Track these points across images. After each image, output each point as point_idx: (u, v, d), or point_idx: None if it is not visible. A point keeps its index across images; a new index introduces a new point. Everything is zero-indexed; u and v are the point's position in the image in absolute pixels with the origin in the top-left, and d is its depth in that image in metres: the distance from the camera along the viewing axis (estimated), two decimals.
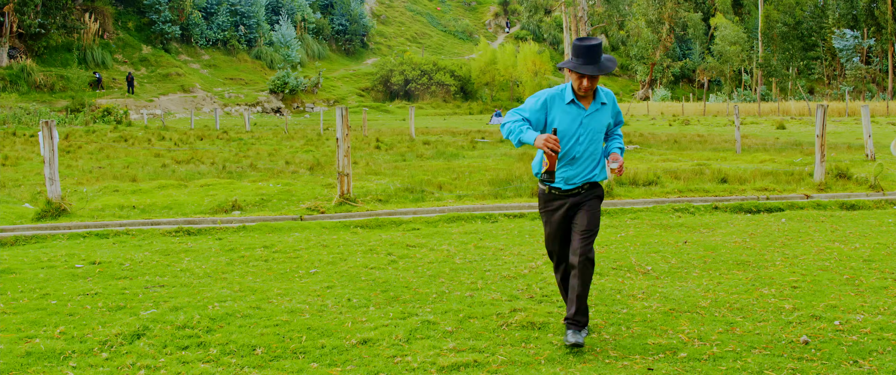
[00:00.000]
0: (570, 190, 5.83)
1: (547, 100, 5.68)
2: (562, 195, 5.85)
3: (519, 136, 5.54)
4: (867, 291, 7.39)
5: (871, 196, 13.69)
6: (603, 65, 5.49)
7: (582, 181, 5.81)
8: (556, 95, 5.69)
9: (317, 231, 11.04)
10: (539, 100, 5.70)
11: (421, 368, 5.44)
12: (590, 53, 5.44)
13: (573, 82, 5.60)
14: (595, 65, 5.46)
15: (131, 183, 16.31)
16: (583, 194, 5.85)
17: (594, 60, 5.46)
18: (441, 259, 9.01)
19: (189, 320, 6.42)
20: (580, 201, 5.84)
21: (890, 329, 6.22)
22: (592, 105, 5.68)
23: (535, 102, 5.70)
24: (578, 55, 5.46)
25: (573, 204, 5.85)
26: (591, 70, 5.44)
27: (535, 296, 7.26)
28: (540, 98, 5.71)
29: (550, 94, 5.71)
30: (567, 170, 5.77)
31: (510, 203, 12.99)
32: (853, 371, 5.39)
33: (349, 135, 12.78)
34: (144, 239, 10.57)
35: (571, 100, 5.64)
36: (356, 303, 7.06)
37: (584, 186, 5.84)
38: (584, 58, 5.45)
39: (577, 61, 5.47)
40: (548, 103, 5.68)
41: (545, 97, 5.70)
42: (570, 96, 5.63)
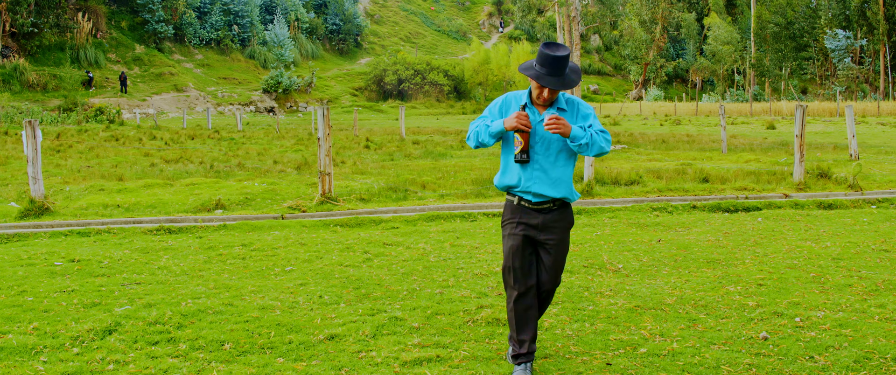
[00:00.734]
0: (541, 203, 5.30)
1: (503, 103, 5.38)
2: (531, 209, 5.33)
3: (487, 132, 5.23)
4: (832, 289, 7.52)
5: (850, 195, 13.82)
6: (566, 78, 5.11)
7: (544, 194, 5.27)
8: (514, 98, 5.35)
9: (296, 229, 11.15)
10: (496, 104, 5.42)
11: (384, 363, 5.55)
12: (555, 65, 5.04)
13: (532, 88, 5.27)
14: (558, 79, 5.08)
15: (118, 182, 16.38)
16: (553, 213, 5.35)
17: (558, 72, 5.06)
18: (416, 257, 9.13)
19: (161, 316, 6.52)
20: (550, 224, 5.34)
21: (849, 325, 6.34)
22: (549, 111, 5.23)
23: (491, 106, 5.42)
24: (543, 64, 5.07)
25: (543, 225, 5.33)
26: (553, 83, 5.07)
27: (504, 294, 7.37)
28: (497, 102, 5.43)
29: (507, 98, 5.40)
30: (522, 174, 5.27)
31: (490, 202, 13.11)
32: (808, 366, 5.50)
33: (331, 134, 12.90)
34: (125, 237, 10.67)
35: (525, 104, 5.21)
36: (327, 300, 7.17)
37: (556, 202, 5.34)
38: (548, 68, 5.06)
39: (541, 71, 5.08)
40: (503, 106, 5.36)
41: (503, 99, 5.41)
42: (525, 99, 5.26)
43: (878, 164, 19.62)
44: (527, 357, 5.39)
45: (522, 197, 5.31)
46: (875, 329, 6.22)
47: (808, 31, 79.47)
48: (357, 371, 5.41)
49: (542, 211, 5.32)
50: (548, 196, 5.27)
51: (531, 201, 5.29)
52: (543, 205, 5.31)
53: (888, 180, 15.86)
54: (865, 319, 6.51)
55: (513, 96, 5.38)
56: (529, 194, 5.28)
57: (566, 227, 5.43)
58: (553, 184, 5.27)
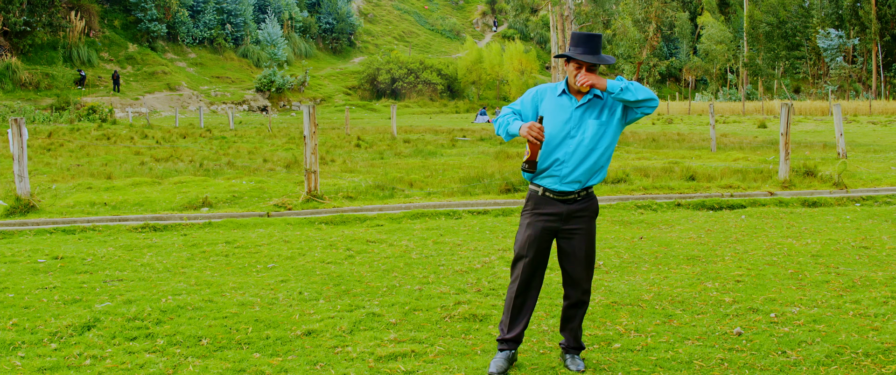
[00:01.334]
0: (565, 193, 5.26)
1: (537, 94, 5.36)
2: (555, 200, 5.28)
3: (506, 128, 5.25)
4: (809, 285, 7.57)
5: (835, 193, 13.89)
6: (602, 55, 5.13)
7: (577, 184, 5.25)
8: (550, 88, 5.33)
9: (281, 227, 11.19)
10: (530, 94, 5.40)
11: (359, 358, 5.60)
12: (590, 42, 5.08)
13: (570, 75, 5.18)
14: (594, 55, 5.07)
15: (106, 180, 16.41)
16: (578, 202, 5.31)
17: (593, 50, 5.08)
18: (398, 254, 9.18)
19: (140, 312, 6.56)
20: (575, 213, 5.31)
21: (823, 321, 6.40)
22: (586, 96, 5.19)
23: (527, 96, 5.40)
24: (578, 43, 5.09)
25: (567, 215, 5.29)
26: (590, 58, 5.03)
27: (483, 290, 7.42)
28: (531, 91, 5.40)
29: (543, 87, 5.39)
30: (560, 168, 5.21)
31: (476, 200, 13.15)
32: (780, 361, 5.56)
33: (317, 133, 12.94)
34: (110, 234, 10.70)
35: (563, 91, 5.23)
36: (307, 296, 7.21)
37: (580, 193, 5.30)
38: (583, 46, 5.08)
39: (577, 49, 5.08)
40: (538, 95, 5.34)
41: (537, 90, 5.39)
42: (562, 88, 5.23)
43: (864, 163, 19.70)
44: (511, 343, 5.43)
45: (547, 187, 5.26)
46: (848, 325, 6.27)
47: (800, 30, 79.67)
48: (332, 366, 5.45)
49: (567, 201, 5.28)
50: (576, 190, 5.26)
51: (555, 191, 5.25)
52: (568, 195, 5.26)
53: (874, 178, 15.94)
54: (840, 315, 6.56)
55: (549, 87, 5.35)
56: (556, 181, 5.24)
57: (592, 216, 5.41)
58: (584, 178, 5.25)
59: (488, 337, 6.05)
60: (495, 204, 12.76)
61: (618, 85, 4.99)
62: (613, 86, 4.99)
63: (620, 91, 4.99)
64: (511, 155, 21.75)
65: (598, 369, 5.40)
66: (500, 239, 10.17)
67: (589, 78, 4.99)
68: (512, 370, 5.42)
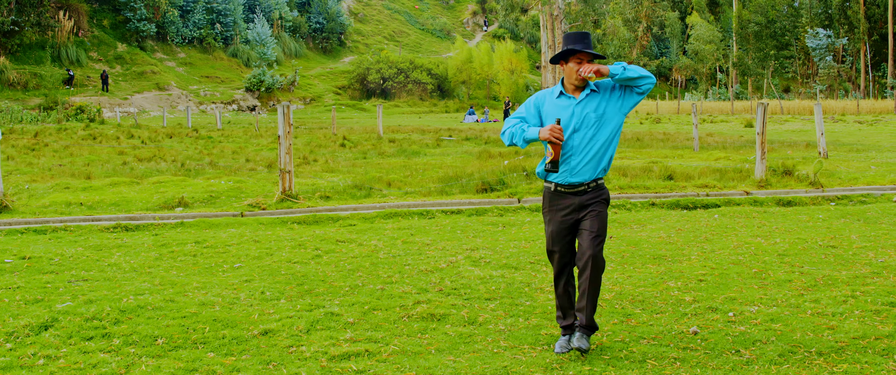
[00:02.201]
0: (576, 185, 5.64)
1: (537, 99, 5.75)
2: (567, 193, 5.68)
3: (522, 136, 5.58)
4: (771, 284, 7.60)
5: (810, 192, 13.94)
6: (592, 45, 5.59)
7: (586, 176, 5.62)
8: (547, 93, 5.74)
9: (253, 227, 11.19)
10: (531, 102, 5.78)
11: (313, 357, 5.61)
12: (580, 36, 5.55)
13: (568, 74, 5.61)
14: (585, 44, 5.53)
15: (85, 180, 16.39)
16: (589, 193, 5.67)
17: (589, 46, 5.53)
18: (366, 254, 9.19)
19: (99, 312, 6.56)
20: (587, 202, 5.66)
21: (780, 320, 6.42)
22: (583, 93, 5.60)
23: (527, 104, 5.78)
24: (574, 42, 5.53)
25: (580, 205, 5.66)
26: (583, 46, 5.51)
27: (445, 289, 7.43)
28: (532, 99, 5.79)
29: (541, 93, 5.78)
30: (567, 162, 5.60)
31: (451, 199, 13.17)
32: (733, 359, 5.58)
33: (291, 132, 12.95)
34: (81, 235, 10.69)
35: (560, 93, 5.65)
36: (269, 296, 7.22)
37: (590, 184, 5.65)
38: (573, 40, 5.54)
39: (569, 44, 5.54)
40: (538, 102, 5.74)
41: (536, 97, 5.78)
42: (559, 89, 5.66)
43: (845, 162, 19.75)
44: (568, 329, 5.85)
45: (559, 182, 5.67)
46: (805, 324, 6.30)
47: (789, 29, 79.85)
48: (285, 366, 5.46)
49: (578, 193, 5.66)
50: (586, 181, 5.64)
51: (566, 184, 5.65)
52: (579, 187, 5.64)
53: (852, 177, 15.99)
54: (798, 314, 6.59)
55: (546, 92, 5.76)
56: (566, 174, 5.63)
57: (603, 202, 5.74)
58: (593, 170, 5.63)
59: (444, 337, 6.06)
60: (470, 204, 12.78)
61: (619, 65, 5.45)
62: (615, 69, 5.44)
63: (623, 71, 5.43)
64: (493, 154, 21.76)
65: (549, 368, 5.42)
66: (470, 238, 10.19)
67: (594, 66, 5.42)
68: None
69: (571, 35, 5.55)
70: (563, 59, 5.61)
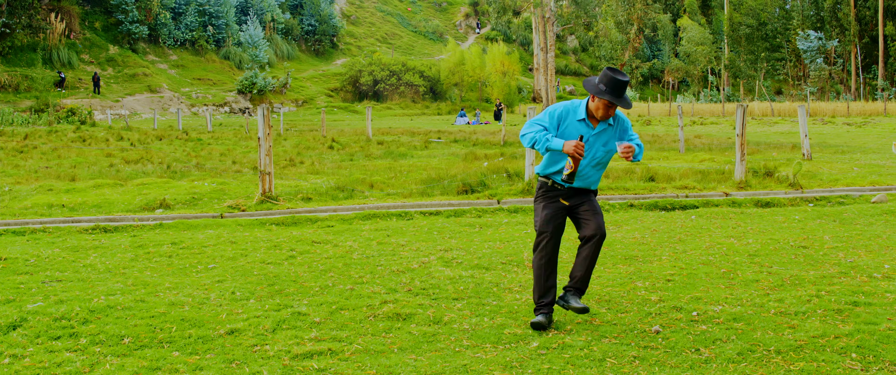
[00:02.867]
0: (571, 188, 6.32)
1: (561, 113, 6.20)
2: (563, 191, 6.33)
3: (546, 144, 6.03)
4: (738, 284, 7.68)
5: (790, 194, 14.02)
6: (625, 99, 6.05)
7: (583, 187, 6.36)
8: (571, 110, 6.20)
9: (231, 228, 11.24)
10: (555, 113, 6.21)
11: (276, 356, 5.67)
12: (619, 88, 5.97)
13: (591, 104, 6.14)
14: (621, 99, 6.01)
15: (69, 182, 16.42)
16: (582, 195, 6.37)
17: (620, 94, 5.98)
18: (340, 254, 9.25)
19: (69, 312, 6.61)
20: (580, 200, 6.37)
21: (742, 319, 6.49)
22: (600, 125, 6.19)
23: (551, 114, 6.21)
24: (608, 86, 5.97)
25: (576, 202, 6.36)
26: (619, 102, 6.00)
27: (414, 290, 7.49)
28: (555, 111, 6.22)
29: (565, 108, 6.22)
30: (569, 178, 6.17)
31: (431, 201, 13.24)
32: (692, 358, 5.65)
33: (270, 134, 13.01)
34: (60, 236, 10.74)
35: (582, 119, 6.16)
36: (238, 296, 7.28)
37: (583, 190, 6.37)
38: (612, 91, 5.97)
39: (605, 90, 5.98)
40: (561, 116, 6.19)
41: (560, 110, 6.22)
42: (582, 114, 6.16)
43: (828, 163, 19.86)
44: (546, 307, 6.35)
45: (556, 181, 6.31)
46: (766, 323, 6.37)
47: (781, 32, 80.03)
48: (247, 364, 5.52)
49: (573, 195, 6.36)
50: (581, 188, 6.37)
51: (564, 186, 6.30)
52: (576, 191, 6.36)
53: (833, 178, 16.08)
54: (761, 313, 6.66)
55: (570, 109, 6.25)
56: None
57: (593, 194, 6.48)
58: (589, 184, 6.38)
59: (408, 336, 6.13)
60: (449, 205, 12.85)
61: (637, 157, 6.18)
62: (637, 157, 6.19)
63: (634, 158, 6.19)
64: (479, 156, 21.85)
65: (509, 367, 5.48)
66: (445, 239, 10.25)
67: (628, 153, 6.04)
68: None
69: (612, 81, 5.96)
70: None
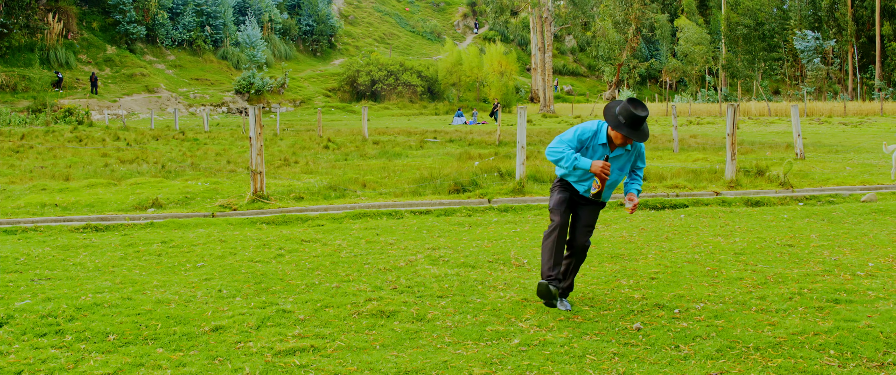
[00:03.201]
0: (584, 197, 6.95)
1: (583, 134, 6.78)
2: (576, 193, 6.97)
3: (574, 162, 6.62)
4: (722, 282, 7.73)
5: (780, 193, 14.07)
6: (642, 131, 6.59)
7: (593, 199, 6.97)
8: (591, 132, 6.77)
9: (222, 227, 11.29)
10: (578, 135, 6.77)
11: (259, 353, 5.72)
12: (637, 122, 6.50)
13: (610, 132, 6.70)
14: (638, 133, 6.56)
15: (63, 182, 16.47)
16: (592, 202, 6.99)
17: (638, 127, 6.53)
18: (328, 253, 9.30)
19: (55, 309, 6.67)
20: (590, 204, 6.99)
21: (723, 316, 6.55)
22: (618, 150, 6.78)
23: (575, 136, 6.77)
24: (627, 119, 6.50)
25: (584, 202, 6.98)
26: (635, 136, 6.55)
27: (399, 287, 7.55)
28: (579, 133, 6.78)
29: (587, 130, 6.78)
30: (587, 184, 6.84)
31: (422, 200, 13.29)
32: (671, 354, 5.71)
33: (262, 134, 13.06)
34: (51, 235, 10.79)
35: (603, 143, 6.74)
36: (225, 294, 7.33)
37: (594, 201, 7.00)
38: (630, 124, 6.50)
39: (624, 124, 6.52)
40: (583, 137, 6.76)
41: (582, 130, 6.79)
42: (603, 139, 6.74)
43: (821, 162, 19.92)
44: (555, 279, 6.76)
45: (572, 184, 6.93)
46: (747, 320, 6.42)
47: (778, 32, 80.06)
48: (230, 360, 5.57)
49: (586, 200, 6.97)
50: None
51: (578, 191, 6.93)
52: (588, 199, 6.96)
53: (825, 178, 16.14)
54: (742, 310, 6.72)
55: (590, 131, 6.80)
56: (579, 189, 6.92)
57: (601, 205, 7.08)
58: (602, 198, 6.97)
59: (391, 333, 6.18)
60: (440, 205, 12.90)
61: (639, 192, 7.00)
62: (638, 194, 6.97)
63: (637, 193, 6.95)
64: (473, 156, 21.91)
65: (489, 363, 5.54)
66: (434, 238, 10.31)
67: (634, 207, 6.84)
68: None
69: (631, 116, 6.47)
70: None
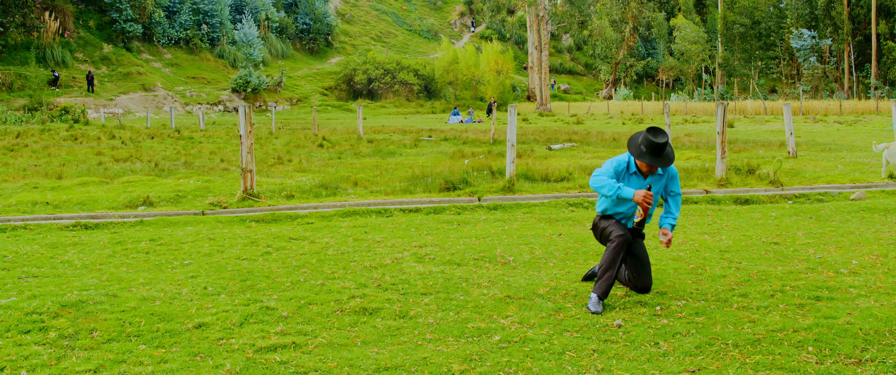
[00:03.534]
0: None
1: (617, 167, 7.18)
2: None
3: (617, 192, 6.90)
4: (705, 279, 7.77)
5: (770, 191, 14.12)
6: (665, 158, 7.00)
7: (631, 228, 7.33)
8: (623, 164, 7.19)
9: (211, 225, 11.32)
10: (614, 167, 7.17)
11: (240, 349, 5.76)
12: (658, 150, 6.90)
13: (638, 163, 7.12)
14: (660, 159, 6.97)
15: (55, 180, 16.51)
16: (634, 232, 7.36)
17: (660, 154, 6.94)
18: (315, 251, 9.33)
19: (40, 306, 6.71)
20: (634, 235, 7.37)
21: (704, 313, 6.58)
22: (650, 177, 7.18)
23: (611, 168, 7.15)
24: (648, 148, 6.90)
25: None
26: (657, 163, 6.96)
27: (383, 285, 7.58)
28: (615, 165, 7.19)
29: (619, 164, 7.20)
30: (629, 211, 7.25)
31: (412, 198, 13.32)
32: (650, 351, 5.74)
33: (252, 132, 13.10)
34: (40, 233, 10.81)
35: (634, 172, 7.17)
36: (210, 291, 7.37)
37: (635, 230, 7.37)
38: (651, 152, 6.91)
39: (645, 152, 6.93)
40: (618, 169, 7.17)
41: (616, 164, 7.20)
42: (634, 167, 7.17)
43: (813, 161, 19.96)
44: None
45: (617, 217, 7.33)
46: (727, 317, 6.46)
47: (774, 30, 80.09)
48: (211, 357, 5.61)
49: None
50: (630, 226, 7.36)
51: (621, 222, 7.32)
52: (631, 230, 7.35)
53: (816, 176, 16.18)
54: (723, 308, 6.75)
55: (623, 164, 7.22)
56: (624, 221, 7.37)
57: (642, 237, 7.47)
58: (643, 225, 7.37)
59: (373, 330, 6.22)
60: (430, 203, 12.94)
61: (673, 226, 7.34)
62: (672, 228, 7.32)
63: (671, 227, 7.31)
64: (466, 154, 21.95)
65: (469, 359, 5.57)
66: (422, 236, 10.34)
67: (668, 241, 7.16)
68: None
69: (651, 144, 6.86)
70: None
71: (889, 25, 71.03)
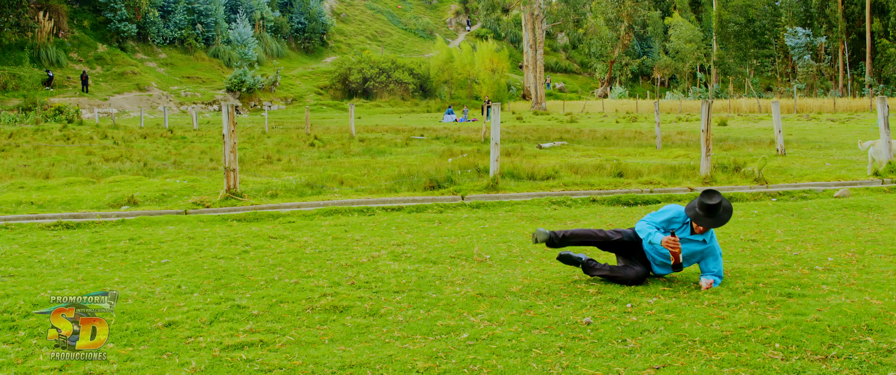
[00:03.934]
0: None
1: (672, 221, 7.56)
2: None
3: (649, 238, 7.41)
4: (678, 276, 7.78)
5: (754, 188, 14.14)
6: (719, 218, 7.37)
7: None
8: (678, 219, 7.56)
9: (193, 224, 11.33)
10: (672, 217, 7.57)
11: (207, 347, 5.77)
12: (711, 211, 7.31)
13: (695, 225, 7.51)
14: (713, 220, 7.35)
15: (42, 180, 16.51)
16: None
17: (713, 215, 7.33)
18: (293, 249, 9.34)
19: (12, 306, 6.71)
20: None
21: (674, 310, 6.58)
22: (695, 235, 7.51)
23: (663, 219, 7.58)
24: (702, 209, 7.33)
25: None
26: (709, 223, 7.36)
27: (357, 283, 7.59)
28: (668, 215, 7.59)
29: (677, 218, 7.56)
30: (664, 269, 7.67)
31: (396, 196, 13.35)
32: (617, 348, 5.75)
33: (235, 131, 13.11)
34: (21, 232, 10.82)
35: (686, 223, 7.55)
36: (184, 290, 7.38)
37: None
38: (705, 213, 7.33)
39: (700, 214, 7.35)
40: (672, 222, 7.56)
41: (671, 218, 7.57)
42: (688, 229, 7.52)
43: (802, 159, 20.01)
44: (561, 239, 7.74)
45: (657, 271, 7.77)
46: (697, 314, 6.46)
47: (769, 28, 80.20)
48: (178, 355, 5.62)
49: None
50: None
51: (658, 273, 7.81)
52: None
53: (802, 173, 16.22)
54: (694, 305, 6.76)
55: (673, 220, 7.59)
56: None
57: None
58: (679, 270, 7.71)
59: (342, 328, 6.23)
60: (413, 201, 12.96)
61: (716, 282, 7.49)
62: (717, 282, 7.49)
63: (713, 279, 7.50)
64: (455, 153, 21.98)
65: (434, 357, 5.58)
66: (402, 234, 10.36)
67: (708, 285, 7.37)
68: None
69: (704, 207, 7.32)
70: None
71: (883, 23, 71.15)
